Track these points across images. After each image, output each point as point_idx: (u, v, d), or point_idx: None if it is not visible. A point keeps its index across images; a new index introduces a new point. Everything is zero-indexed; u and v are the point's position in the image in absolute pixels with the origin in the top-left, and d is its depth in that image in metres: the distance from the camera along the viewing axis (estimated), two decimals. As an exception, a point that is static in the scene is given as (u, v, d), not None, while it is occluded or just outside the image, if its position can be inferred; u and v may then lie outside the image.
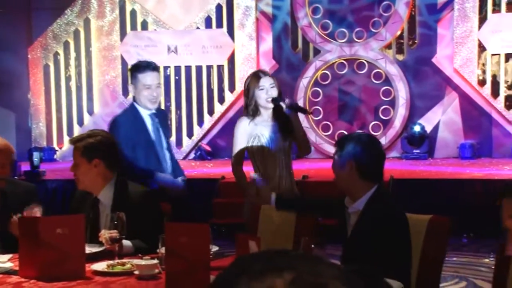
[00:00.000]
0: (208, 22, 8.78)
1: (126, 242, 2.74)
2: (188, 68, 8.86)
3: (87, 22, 9.00)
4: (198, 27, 8.81)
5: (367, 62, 8.48)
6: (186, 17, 8.86)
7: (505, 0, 8.07)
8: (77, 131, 8.67)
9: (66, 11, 8.97)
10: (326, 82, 8.60)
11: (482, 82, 8.19)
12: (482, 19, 8.12)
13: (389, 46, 8.51)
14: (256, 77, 3.58)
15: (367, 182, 2.55)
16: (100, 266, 2.55)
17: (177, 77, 8.90)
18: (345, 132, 8.13)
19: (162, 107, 7.89)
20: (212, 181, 6.69)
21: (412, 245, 2.54)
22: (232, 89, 8.75)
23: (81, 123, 9.01)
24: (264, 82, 3.54)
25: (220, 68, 8.79)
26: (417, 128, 8.14)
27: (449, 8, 8.28)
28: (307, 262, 0.70)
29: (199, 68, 8.84)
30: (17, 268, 2.56)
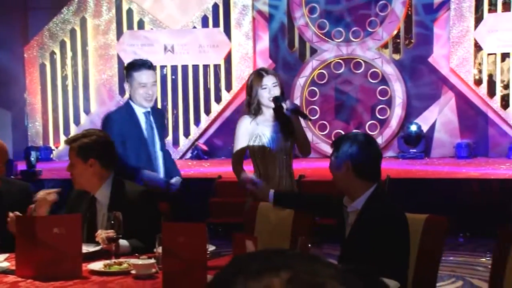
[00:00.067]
0: (205, 21, 8.77)
1: (123, 242, 2.73)
2: (185, 67, 8.85)
3: (84, 21, 8.99)
4: (195, 26, 8.80)
5: (364, 62, 8.49)
6: (183, 17, 8.85)
7: (501, 0, 8.09)
8: (74, 131, 8.66)
9: (63, 10, 8.96)
10: (323, 82, 8.60)
11: (479, 82, 8.21)
12: (478, 19, 8.13)
13: (386, 46, 8.51)
14: (259, 76, 3.55)
15: (365, 182, 2.55)
16: (97, 266, 2.55)
17: (174, 77, 8.90)
18: (342, 132, 8.13)
19: (159, 107, 7.89)
20: (209, 181, 6.69)
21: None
22: (229, 89, 8.74)
23: (78, 123, 9.00)
24: (267, 81, 3.52)
25: (217, 68, 8.78)
26: (414, 128, 8.15)
27: (446, 8, 8.29)
28: (304, 262, 0.70)
29: (196, 67, 8.83)
30: (14, 268, 2.55)
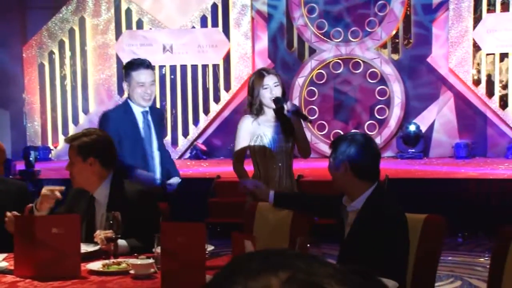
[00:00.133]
0: (204, 21, 8.77)
1: (122, 242, 2.73)
2: (184, 67, 8.85)
3: (82, 21, 8.98)
4: (194, 26, 8.80)
5: (363, 62, 8.49)
6: (182, 17, 8.84)
7: (500, 0, 8.09)
8: (72, 130, 8.65)
9: (61, 10, 8.95)
10: (322, 82, 8.61)
11: (477, 82, 8.21)
12: (477, 19, 8.14)
13: (385, 46, 8.51)
14: (260, 76, 3.55)
15: (364, 182, 2.55)
16: (96, 266, 2.54)
17: (173, 76, 8.89)
18: (341, 132, 8.13)
19: (158, 106, 7.89)
20: (208, 181, 6.70)
21: (408, 245, 2.54)
22: (228, 89, 8.74)
23: (76, 122, 8.99)
24: (268, 81, 3.52)
25: (216, 67, 8.78)
26: (412, 128, 8.15)
27: (444, 8, 8.29)
28: (303, 261, 0.70)
29: (195, 67, 8.83)
30: (12, 268, 2.55)
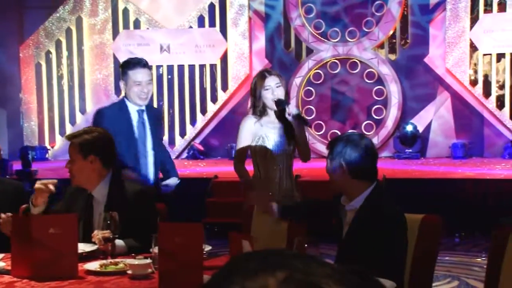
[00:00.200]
0: (201, 21, 8.77)
1: (119, 242, 2.73)
2: (181, 67, 8.85)
3: (79, 21, 8.97)
4: (191, 26, 8.79)
5: (360, 62, 8.50)
6: (179, 16, 8.84)
7: (497, 1, 8.11)
8: (69, 130, 8.64)
9: (58, 9, 8.94)
10: (319, 82, 8.61)
11: (474, 82, 8.22)
12: (474, 19, 8.15)
13: (382, 46, 8.52)
14: (262, 77, 3.53)
15: (362, 182, 2.55)
16: (93, 266, 2.54)
17: (170, 76, 8.89)
18: (338, 132, 8.14)
19: (155, 106, 7.88)
20: (205, 181, 6.70)
21: (405, 245, 2.54)
22: (225, 88, 8.74)
23: (73, 122, 8.98)
24: (270, 82, 3.50)
25: (213, 67, 8.78)
26: (410, 128, 8.16)
27: (441, 8, 8.31)
28: (301, 261, 0.70)
29: (192, 67, 8.82)
30: (9, 268, 2.54)
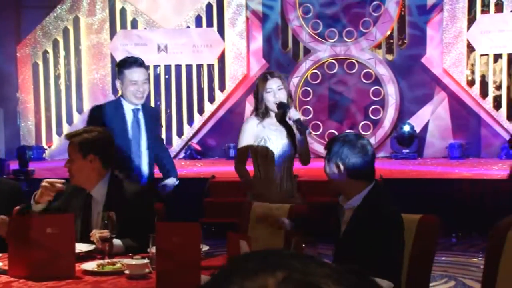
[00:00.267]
0: (199, 21, 8.77)
1: (117, 241, 2.72)
2: (178, 67, 8.84)
3: (77, 20, 8.96)
4: (189, 26, 8.79)
5: (357, 62, 8.51)
6: (176, 16, 8.83)
7: (494, 1, 8.12)
8: (66, 130, 8.63)
9: (56, 9, 8.93)
10: (317, 82, 8.61)
11: (471, 83, 8.24)
12: (471, 20, 8.17)
13: (379, 46, 8.53)
14: (264, 79, 3.53)
15: (360, 182, 2.55)
16: (90, 266, 2.54)
17: (167, 76, 8.88)
18: (335, 132, 8.15)
19: (152, 106, 7.86)
20: (202, 181, 6.70)
21: (402, 245, 2.54)
22: (223, 88, 8.74)
23: (71, 122, 8.97)
24: (272, 84, 3.49)
25: (211, 67, 8.78)
26: (407, 128, 8.17)
27: (439, 9, 8.32)
28: (299, 261, 0.70)
29: (189, 67, 8.82)
30: (7, 268, 2.54)
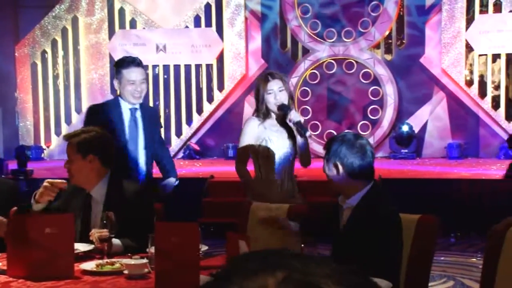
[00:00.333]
0: (197, 21, 8.77)
1: (115, 241, 2.72)
2: (177, 67, 8.84)
3: (75, 20, 8.95)
4: (187, 26, 8.79)
5: (356, 62, 8.51)
6: (175, 16, 8.83)
7: (492, 1, 8.13)
8: (65, 130, 8.63)
9: (54, 9, 8.92)
10: (315, 82, 8.61)
11: (470, 83, 8.24)
12: (470, 20, 8.17)
13: (378, 46, 8.54)
14: (265, 80, 3.50)
15: (359, 181, 2.55)
16: (89, 266, 2.53)
17: (166, 76, 8.88)
18: (334, 132, 8.15)
19: (151, 106, 7.86)
20: (201, 180, 6.69)
21: (401, 245, 2.54)
22: (221, 88, 8.74)
23: (69, 122, 8.97)
24: (273, 86, 3.47)
25: (209, 67, 8.78)
26: (405, 128, 8.17)
27: (437, 9, 8.33)
28: (300, 261, 0.70)
29: (188, 67, 8.82)
30: (5, 268, 2.54)
